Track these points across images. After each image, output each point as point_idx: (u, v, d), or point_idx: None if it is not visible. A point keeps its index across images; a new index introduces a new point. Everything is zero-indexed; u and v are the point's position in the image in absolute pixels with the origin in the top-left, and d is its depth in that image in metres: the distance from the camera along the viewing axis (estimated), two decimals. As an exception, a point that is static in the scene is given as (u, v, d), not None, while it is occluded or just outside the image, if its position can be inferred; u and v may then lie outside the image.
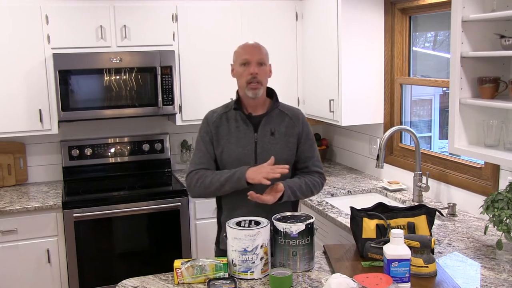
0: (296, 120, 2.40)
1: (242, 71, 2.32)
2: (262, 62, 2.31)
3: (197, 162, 2.38)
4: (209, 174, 2.32)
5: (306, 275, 2.04)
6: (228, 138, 2.34)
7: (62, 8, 3.52)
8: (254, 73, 2.28)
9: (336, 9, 3.46)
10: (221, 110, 2.43)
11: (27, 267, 3.36)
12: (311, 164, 2.42)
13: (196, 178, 2.33)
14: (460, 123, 2.47)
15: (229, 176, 2.25)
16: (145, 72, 3.64)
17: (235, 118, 2.37)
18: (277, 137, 2.34)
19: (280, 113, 2.39)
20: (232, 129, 2.35)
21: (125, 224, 3.49)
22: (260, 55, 2.31)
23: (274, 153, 2.29)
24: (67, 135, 3.95)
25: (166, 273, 2.10)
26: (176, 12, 3.74)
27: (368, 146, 3.87)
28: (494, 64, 2.46)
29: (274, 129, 2.34)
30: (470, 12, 2.36)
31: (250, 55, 2.30)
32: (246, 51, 2.33)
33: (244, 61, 2.31)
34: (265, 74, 2.33)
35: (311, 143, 2.43)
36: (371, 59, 3.56)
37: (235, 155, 2.32)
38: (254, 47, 2.35)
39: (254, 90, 2.29)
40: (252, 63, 2.29)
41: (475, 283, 1.98)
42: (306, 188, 2.35)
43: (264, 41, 3.82)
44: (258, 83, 2.29)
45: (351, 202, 3.24)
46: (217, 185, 2.28)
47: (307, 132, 2.42)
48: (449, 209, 2.83)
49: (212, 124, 2.38)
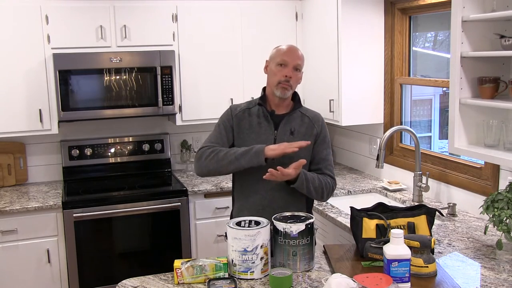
0: (316, 122, 2.46)
1: (277, 70, 2.37)
2: (298, 68, 2.39)
3: (212, 140, 2.43)
4: (223, 149, 2.36)
5: (306, 275, 2.04)
6: (249, 133, 2.40)
7: (62, 8, 3.52)
8: (289, 76, 2.35)
9: (336, 9, 3.46)
10: (245, 105, 2.48)
11: (27, 267, 3.37)
12: (324, 166, 2.44)
13: (209, 151, 2.35)
14: (460, 123, 2.47)
15: (246, 150, 2.29)
16: (145, 72, 3.64)
17: (258, 114, 2.43)
18: (296, 136, 2.40)
19: (301, 115, 2.46)
20: (253, 124, 2.41)
21: (125, 224, 3.49)
22: (298, 60, 2.38)
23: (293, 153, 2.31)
24: (67, 135, 3.95)
25: (166, 273, 2.10)
26: (176, 12, 3.74)
27: (368, 146, 3.87)
28: (494, 64, 2.46)
29: (294, 129, 2.41)
30: (470, 12, 2.36)
31: (289, 58, 2.36)
32: (286, 52, 2.39)
33: (282, 61, 2.37)
34: (297, 80, 2.40)
35: (326, 146, 2.47)
36: (371, 59, 3.56)
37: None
38: (296, 51, 2.41)
39: (283, 90, 2.36)
40: (289, 66, 2.36)
41: (475, 283, 1.98)
42: (319, 184, 2.36)
43: (264, 41, 3.87)
44: (289, 85, 2.36)
45: (351, 202, 3.24)
46: (231, 158, 2.30)
47: (325, 135, 2.47)
48: (449, 209, 2.83)
49: (235, 116, 2.44)
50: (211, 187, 3.65)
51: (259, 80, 2.84)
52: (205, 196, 3.65)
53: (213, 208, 3.67)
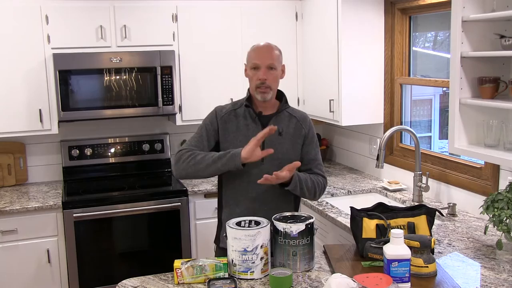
0: (303, 122, 2.43)
1: (252, 75, 2.32)
2: (272, 66, 2.30)
3: (192, 144, 2.38)
4: (202, 152, 2.32)
5: (306, 275, 2.04)
6: (236, 135, 2.36)
7: (62, 8, 3.52)
8: (262, 78, 2.28)
9: (336, 9, 3.46)
10: (230, 107, 2.43)
11: (27, 267, 3.37)
12: (314, 166, 2.43)
13: (187, 154, 2.32)
14: (460, 123, 2.47)
15: (223, 153, 2.26)
16: (145, 72, 3.64)
17: (244, 115, 2.38)
18: (284, 137, 2.37)
19: (288, 115, 2.42)
20: (241, 126, 2.37)
21: (125, 224, 3.49)
22: (270, 59, 2.29)
23: (280, 153, 2.32)
24: (67, 135, 3.95)
25: (166, 273, 2.10)
26: (176, 12, 3.74)
27: (368, 146, 3.87)
28: (494, 64, 2.46)
29: (282, 129, 2.37)
30: (470, 12, 2.36)
31: (260, 60, 2.30)
32: (256, 55, 2.32)
33: (254, 65, 2.31)
34: (274, 78, 2.32)
35: (314, 146, 2.45)
36: (371, 59, 3.56)
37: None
38: (265, 51, 2.32)
39: (262, 94, 2.31)
40: (262, 68, 2.29)
41: (475, 283, 1.98)
42: (312, 184, 2.35)
43: (264, 41, 3.86)
44: (267, 87, 2.30)
45: (351, 202, 3.24)
46: (208, 162, 2.26)
47: (312, 135, 2.45)
48: (449, 209, 2.83)
49: (220, 119, 2.39)
50: (211, 187, 3.65)
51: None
52: (205, 196, 3.65)
53: (213, 208, 3.67)
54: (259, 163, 2.31)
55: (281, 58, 2.36)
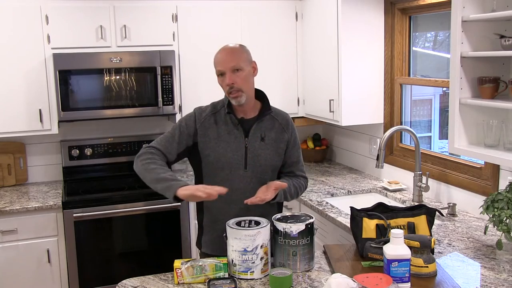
0: (285, 126, 2.37)
1: (221, 81, 2.24)
2: (237, 68, 2.20)
3: (161, 143, 2.30)
4: (158, 163, 2.22)
5: (306, 275, 2.04)
6: (218, 142, 2.27)
7: (62, 8, 3.52)
8: (229, 83, 2.19)
9: (336, 9, 3.46)
10: (210, 110, 2.34)
11: (27, 267, 3.37)
12: (296, 169, 2.44)
13: (146, 156, 2.24)
14: (460, 123, 2.47)
15: (167, 178, 2.14)
16: (145, 72, 3.64)
17: (225, 121, 2.30)
18: (267, 142, 2.31)
19: (270, 118, 2.34)
20: (222, 132, 2.28)
21: (125, 224, 3.49)
22: (232, 62, 2.19)
23: (263, 159, 2.29)
24: (67, 135, 3.95)
25: (166, 273, 2.10)
26: (176, 12, 3.74)
27: (368, 146, 3.87)
28: (494, 64, 2.46)
29: (265, 135, 2.30)
30: (470, 12, 2.36)
31: (222, 66, 2.20)
32: (218, 61, 2.23)
33: (219, 72, 2.23)
34: (243, 79, 2.21)
35: (297, 148, 2.44)
36: (371, 59, 3.56)
37: (225, 160, 2.26)
38: (227, 54, 2.22)
39: (236, 99, 2.22)
40: (227, 72, 2.19)
41: (475, 283, 1.98)
42: (294, 190, 2.38)
43: (264, 41, 3.87)
44: (238, 91, 2.21)
45: (351, 202, 3.24)
46: (153, 177, 2.16)
47: (295, 138, 2.42)
48: (449, 209, 2.83)
49: (200, 124, 2.30)
50: (211, 187, 3.65)
51: (259, 80, 2.83)
52: (205, 196, 3.65)
53: (213, 208, 3.67)
54: (242, 171, 2.26)
55: (247, 56, 2.26)
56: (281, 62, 3.98)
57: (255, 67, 2.30)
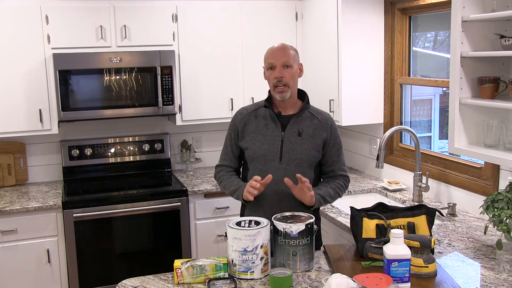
0: (325, 124, 2.44)
1: (269, 74, 2.39)
2: (287, 64, 2.35)
3: (222, 157, 2.58)
4: (224, 178, 2.51)
5: (306, 275, 2.04)
6: (255, 135, 2.42)
7: (62, 8, 3.52)
8: (278, 76, 2.34)
9: (336, 9, 3.46)
10: (251, 107, 2.51)
11: (27, 267, 3.36)
12: (337, 168, 2.47)
13: (217, 176, 2.58)
14: (460, 123, 2.47)
15: (233, 190, 2.44)
16: (145, 72, 3.64)
17: (264, 116, 2.44)
18: (304, 137, 2.39)
19: (310, 115, 2.44)
20: (260, 126, 2.43)
21: (125, 224, 3.49)
22: (284, 57, 2.34)
23: (299, 153, 2.37)
24: (67, 135, 3.95)
25: (166, 273, 2.11)
26: (176, 12, 3.74)
27: (368, 146, 3.87)
28: (494, 64, 2.46)
29: (302, 130, 2.40)
30: (470, 12, 2.36)
31: (274, 59, 2.35)
32: (270, 55, 2.38)
33: (270, 65, 2.37)
34: (291, 76, 2.36)
35: (338, 147, 2.47)
36: (371, 59, 3.56)
37: (261, 152, 2.39)
38: (279, 50, 2.37)
39: (281, 93, 2.36)
40: (277, 66, 2.34)
41: (475, 283, 1.98)
42: (334, 192, 2.43)
43: (264, 41, 3.85)
44: (284, 85, 2.34)
45: (351, 202, 3.23)
46: (228, 192, 2.50)
47: (335, 137, 2.46)
48: (449, 209, 2.83)
49: (239, 122, 2.47)
50: (211, 187, 3.65)
51: (259, 80, 2.84)
52: (205, 196, 3.65)
53: (213, 208, 3.67)
54: (277, 162, 2.37)
55: (297, 57, 2.41)
56: (281, 62, 3.98)
57: (301, 69, 2.45)
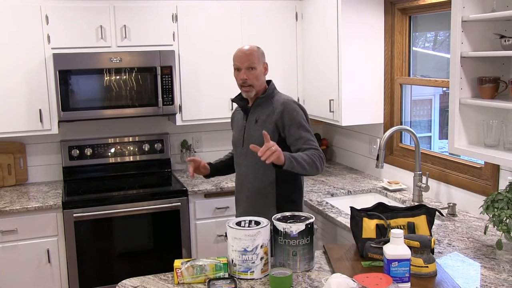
0: (277, 108, 2.54)
1: (236, 75, 2.61)
2: (252, 66, 2.55)
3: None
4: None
5: (306, 275, 2.04)
6: (234, 127, 2.78)
7: (62, 8, 3.52)
8: (243, 78, 2.56)
9: (336, 9, 3.46)
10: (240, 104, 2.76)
11: (27, 267, 3.37)
12: (303, 143, 2.47)
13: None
14: (460, 123, 2.47)
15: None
16: (145, 72, 3.64)
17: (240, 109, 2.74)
18: (259, 124, 2.58)
19: (267, 103, 2.60)
20: (238, 119, 2.74)
21: (125, 224, 3.49)
22: (248, 61, 2.54)
23: (255, 139, 2.52)
24: (67, 135, 3.95)
25: (166, 273, 2.11)
26: (176, 12, 3.74)
27: (368, 146, 3.87)
28: (494, 64, 2.46)
29: (258, 117, 2.60)
30: (470, 12, 2.36)
31: (240, 62, 2.56)
32: (237, 58, 2.59)
33: (236, 66, 2.59)
34: (256, 77, 2.56)
35: (297, 126, 2.50)
36: (371, 59, 3.56)
37: (234, 140, 2.74)
38: (244, 54, 2.56)
39: (246, 92, 2.60)
40: (242, 69, 2.56)
41: (475, 283, 1.98)
42: (307, 157, 2.37)
43: (264, 41, 3.86)
44: (249, 86, 2.57)
45: (351, 202, 3.24)
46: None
47: (291, 117, 2.50)
48: (449, 209, 2.83)
49: (231, 117, 2.86)
50: (211, 187, 3.65)
51: (259, 80, 2.84)
52: (205, 196, 3.65)
53: (213, 208, 3.67)
54: (241, 148, 2.65)
55: (262, 57, 2.60)
56: (281, 62, 3.98)
57: (266, 68, 2.65)
